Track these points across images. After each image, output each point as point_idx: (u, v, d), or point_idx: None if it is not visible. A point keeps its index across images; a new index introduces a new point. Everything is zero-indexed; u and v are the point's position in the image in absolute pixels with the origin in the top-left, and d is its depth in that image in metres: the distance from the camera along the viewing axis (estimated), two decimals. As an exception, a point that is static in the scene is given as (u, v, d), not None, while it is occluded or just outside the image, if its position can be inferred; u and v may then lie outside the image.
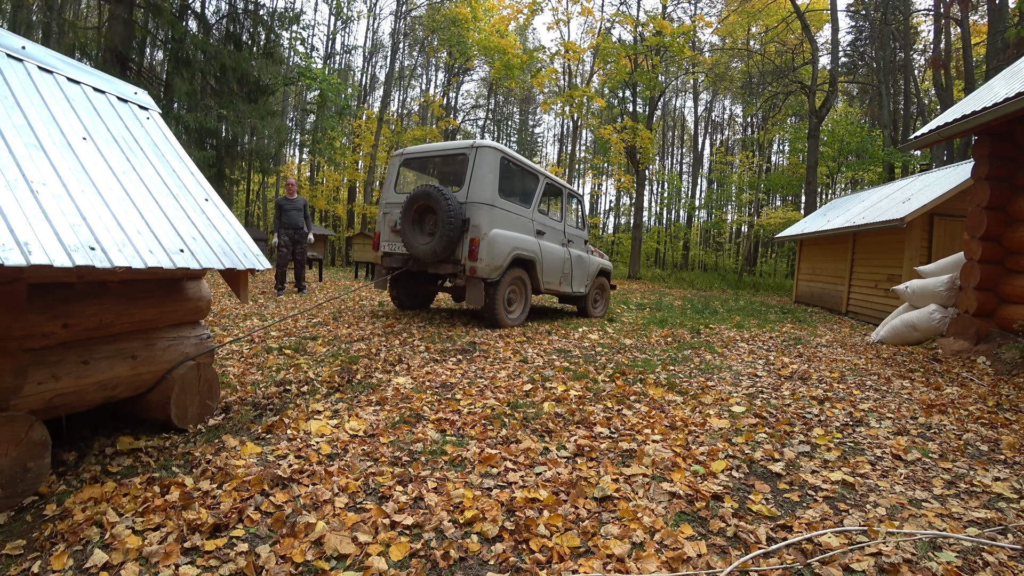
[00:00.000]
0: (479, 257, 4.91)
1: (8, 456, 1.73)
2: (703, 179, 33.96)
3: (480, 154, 5.14)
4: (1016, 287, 4.67)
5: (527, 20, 22.67)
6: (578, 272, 6.61)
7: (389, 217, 5.63)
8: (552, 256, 6.00)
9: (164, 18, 9.25)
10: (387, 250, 5.65)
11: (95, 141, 2.25)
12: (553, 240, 6.17)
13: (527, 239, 5.53)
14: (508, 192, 5.41)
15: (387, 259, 5.65)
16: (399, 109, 31.12)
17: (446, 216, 4.82)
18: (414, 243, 5.07)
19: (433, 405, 2.87)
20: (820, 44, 20.85)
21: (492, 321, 5.31)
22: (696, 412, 2.91)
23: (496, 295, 5.18)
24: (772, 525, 1.75)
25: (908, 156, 19.05)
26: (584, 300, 7.06)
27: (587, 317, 7.08)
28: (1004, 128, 4.89)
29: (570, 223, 6.71)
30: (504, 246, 5.13)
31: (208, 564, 1.47)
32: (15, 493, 1.77)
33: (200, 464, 2.06)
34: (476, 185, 5.05)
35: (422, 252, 5.03)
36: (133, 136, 2.52)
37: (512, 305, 5.63)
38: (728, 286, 19.67)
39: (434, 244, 4.93)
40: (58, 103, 2.23)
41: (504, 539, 1.63)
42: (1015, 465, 2.32)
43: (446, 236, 4.85)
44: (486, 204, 5.04)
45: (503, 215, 5.22)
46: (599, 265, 7.27)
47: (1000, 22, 14.54)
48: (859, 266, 9.61)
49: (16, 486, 1.77)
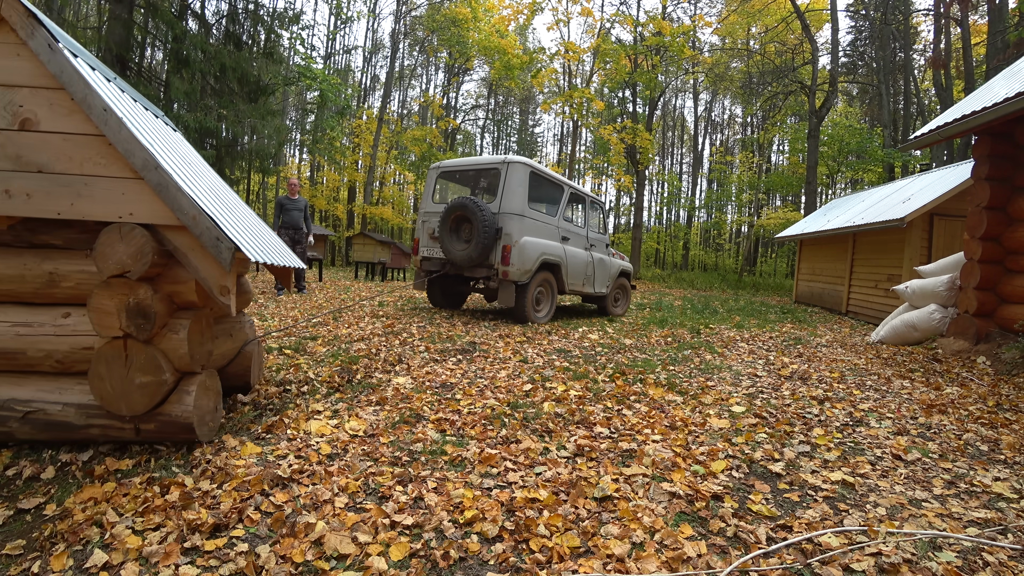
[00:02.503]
0: (511, 262, 5.42)
1: (210, 400, 2.24)
2: (703, 179, 33.96)
3: (511, 169, 5.66)
4: (1016, 287, 4.67)
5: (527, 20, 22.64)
6: (600, 273, 7.09)
7: (427, 225, 6.15)
8: (576, 259, 6.49)
9: (163, 18, 9.25)
10: (426, 255, 6.18)
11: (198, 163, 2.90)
12: (577, 245, 6.64)
13: (553, 245, 6.05)
14: (536, 202, 5.98)
15: (426, 263, 6.19)
16: (399, 109, 31.12)
17: (481, 225, 5.35)
18: (452, 249, 5.62)
19: (433, 405, 2.87)
20: (820, 44, 20.85)
21: (522, 319, 5.80)
22: (696, 412, 2.91)
23: (526, 296, 5.69)
24: (772, 525, 1.75)
25: (908, 156, 19.04)
26: (605, 300, 7.51)
27: (608, 315, 7.49)
28: (1004, 128, 4.89)
29: (592, 228, 7.15)
30: (533, 252, 5.64)
31: (208, 564, 1.47)
32: (213, 429, 2.28)
33: (200, 464, 2.06)
34: (508, 197, 5.58)
35: (459, 257, 5.56)
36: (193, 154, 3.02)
37: (540, 304, 6.12)
38: (728, 286, 19.67)
39: (470, 250, 5.46)
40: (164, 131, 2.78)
41: (504, 539, 1.63)
42: (1015, 465, 2.32)
43: (481, 243, 5.38)
44: (517, 214, 5.56)
45: (532, 224, 5.75)
46: (620, 267, 7.70)
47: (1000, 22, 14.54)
48: (859, 266, 9.61)
49: (215, 422, 2.30)
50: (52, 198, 1.94)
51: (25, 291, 2.04)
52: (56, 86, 1.93)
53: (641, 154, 21.27)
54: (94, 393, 1.99)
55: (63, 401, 2.04)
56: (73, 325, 2.04)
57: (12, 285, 2.03)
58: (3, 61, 1.91)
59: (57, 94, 1.94)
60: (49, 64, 1.90)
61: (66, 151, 1.95)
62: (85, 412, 2.05)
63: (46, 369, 2.07)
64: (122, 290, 1.94)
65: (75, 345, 2.04)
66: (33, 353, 2.03)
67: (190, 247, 2.04)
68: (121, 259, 1.94)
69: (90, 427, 2.06)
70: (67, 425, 2.04)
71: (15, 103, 1.92)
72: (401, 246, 13.55)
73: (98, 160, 1.97)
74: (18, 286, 2.03)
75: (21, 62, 1.92)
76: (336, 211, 25.51)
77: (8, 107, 1.91)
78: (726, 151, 33.57)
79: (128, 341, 1.98)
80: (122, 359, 1.97)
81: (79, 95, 1.91)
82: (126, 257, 1.94)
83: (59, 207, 1.95)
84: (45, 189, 1.93)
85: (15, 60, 1.92)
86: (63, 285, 2.04)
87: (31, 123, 1.92)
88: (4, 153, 1.91)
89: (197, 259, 2.05)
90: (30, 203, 1.93)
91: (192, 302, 2.15)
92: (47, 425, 2.03)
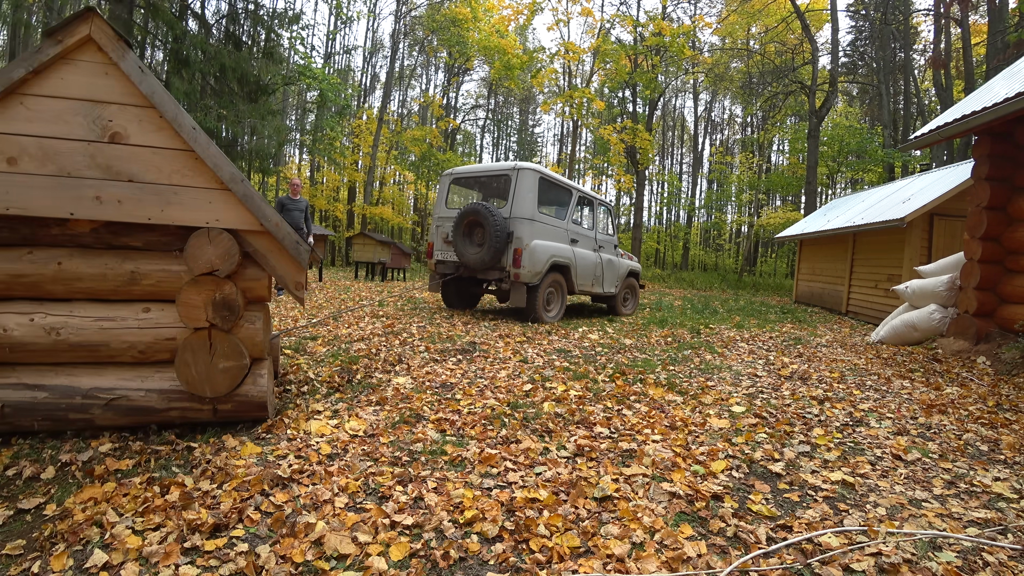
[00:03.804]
0: (522, 265, 5.63)
1: (272, 382, 2.59)
2: (703, 179, 33.94)
3: (521, 175, 5.87)
4: (1016, 287, 4.67)
5: (527, 20, 22.65)
6: (608, 274, 7.30)
7: (441, 229, 6.39)
8: (585, 261, 6.68)
9: (163, 18, 9.24)
10: (440, 258, 6.43)
11: None
12: (585, 246, 6.84)
13: (563, 247, 6.25)
14: (545, 206, 6.25)
15: (440, 266, 6.44)
16: (399, 109, 31.11)
17: (493, 230, 5.57)
18: (465, 253, 5.85)
19: (433, 405, 2.87)
20: (820, 44, 20.85)
21: (533, 318, 6.00)
22: (696, 412, 2.90)
23: (536, 296, 5.90)
24: (772, 525, 1.75)
25: (908, 156, 19.03)
26: (614, 299, 7.69)
27: (617, 315, 7.67)
28: (1004, 128, 4.88)
29: (600, 230, 7.37)
30: (543, 254, 5.84)
31: (208, 564, 1.47)
32: (275, 408, 2.61)
33: (200, 464, 2.06)
34: (518, 202, 5.80)
35: (472, 260, 5.79)
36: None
37: (550, 304, 6.32)
38: (728, 286, 19.67)
39: (483, 254, 5.68)
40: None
41: (504, 539, 1.63)
42: (1015, 465, 2.32)
43: (493, 247, 5.60)
44: (527, 219, 5.77)
45: (542, 227, 5.97)
46: (628, 267, 7.91)
47: (1000, 22, 14.54)
48: (859, 266, 9.61)
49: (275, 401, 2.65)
50: (143, 205, 2.16)
51: (104, 289, 2.21)
52: (145, 104, 2.14)
53: (641, 154, 21.27)
54: (180, 378, 2.25)
55: (145, 388, 2.24)
56: (156, 319, 2.25)
57: (93, 283, 2.19)
58: (92, 79, 2.09)
59: (146, 111, 2.15)
60: (141, 85, 2.11)
61: (155, 163, 2.17)
62: (167, 396, 2.26)
63: (126, 360, 2.25)
64: (209, 286, 2.22)
65: (158, 336, 2.25)
66: (116, 345, 2.21)
67: (270, 249, 2.34)
68: (210, 259, 2.22)
69: (170, 410, 2.29)
70: (149, 410, 2.26)
71: (104, 117, 2.10)
72: (401, 246, 13.53)
73: (186, 172, 2.20)
74: (99, 284, 2.20)
75: (109, 80, 2.11)
76: (336, 211, 25.49)
77: (97, 121, 2.10)
78: (726, 151, 33.56)
79: (212, 331, 2.25)
80: (207, 347, 2.25)
81: (170, 114, 2.15)
82: (215, 257, 2.22)
83: (150, 213, 2.17)
84: (136, 196, 2.15)
85: (104, 79, 2.10)
86: (143, 283, 2.23)
87: (120, 136, 2.13)
88: (95, 163, 2.10)
89: (276, 259, 2.36)
90: (121, 209, 2.14)
91: (262, 296, 2.42)
92: (129, 411, 2.23)
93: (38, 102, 2.03)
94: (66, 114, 2.06)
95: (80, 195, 2.08)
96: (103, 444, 2.18)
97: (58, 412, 2.16)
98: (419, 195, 28.87)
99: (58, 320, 2.14)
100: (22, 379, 2.13)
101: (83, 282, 2.17)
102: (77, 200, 2.08)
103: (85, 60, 2.08)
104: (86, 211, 2.09)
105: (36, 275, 2.11)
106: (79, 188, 2.08)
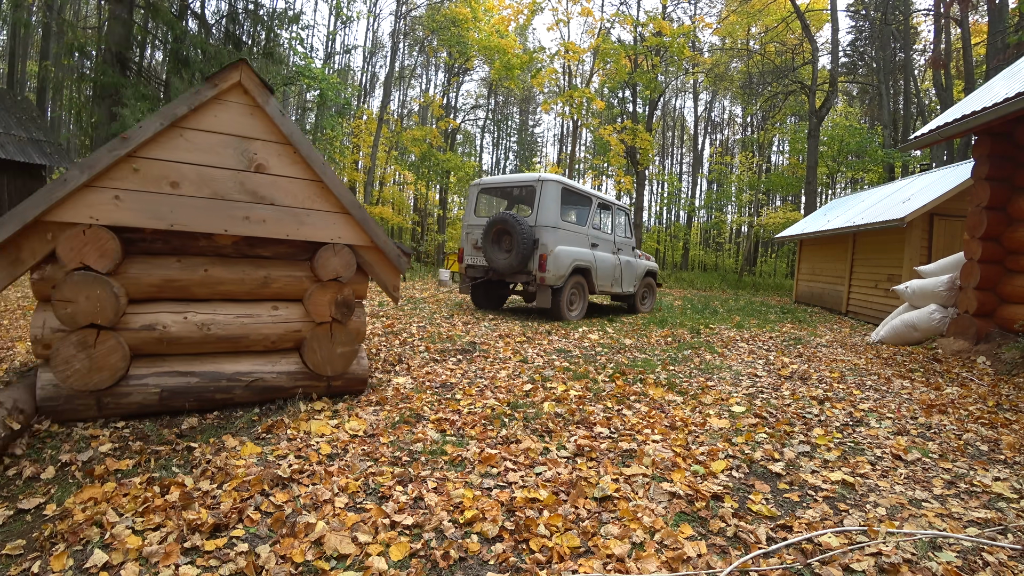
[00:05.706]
0: (547, 269, 6.07)
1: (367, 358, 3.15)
2: (703, 179, 33.90)
3: (545, 186, 6.33)
4: (1016, 287, 4.67)
5: (527, 20, 22.64)
6: (627, 274, 7.75)
7: (471, 236, 6.91)
8: (604, 263, 7.14)
9: (163, 18, 9.25)
10: (470, 263, 6.92)
11: None
12: (605, 249, 7.28)
13: (584, 251, 6.72)
14: (568, 214, 6.79)
15: (470, 270, 6.92)
16: (399, 109, 31.10)
17: (520, 237, 6.02)
18: (494, 258, 6.32)
19: (433, 405, 2.87)
20: (820, 44, 20.84)
21: (557, 317, 6.51)
22: (696, 412, 2.90)
23: (560, 298, 6.40)
24: (772, 525, 1.75)
25: (908, 156, 19.03)
26: (633, 298, 8.22)
27: (636, 312, 8.20)
28: (1004, 128, 4.88)
29: (619, 233, 7.79)
30: (566, 259, 6.29)
31: (208, 564, 1.47)
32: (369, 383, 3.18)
33: (200, 464, 2.06)
34: (543, 211, 6.24)
35: (501, 265, 6.26)
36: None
37: (573, 304, 6.78)
38: (728, 286, 19.66)
39: (511, 259, 6.14)
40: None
41: (504, 539, 1.63)
42: (1015, 465, 2.32)
43: (520, 253, 6.04)
44: (551, 226, 6.22)
45: (565, 234, 6.43)
46: (646, 267, 8.36)
47: (1000, 22, 14.53)
48: (859, 266, 9.60)
49: None
50: (282, 224, 2.64)
51: (241, 291, 2.67)
52: (284, 141, 2.62)
53: (641, 154, 21.26)
54: (309, 362, 2.79)
55: (276, 371, 2.74)
56: (284, 315, 2.76)
57: (232, 287, 2.64)
58: (241, 118, 2.52)
59: (284, 148, 2.63)
60: (282, 126, 2.59)
61: (291, 191, 2.66)
62: (293, 377, 2.79)
63: (258, 349, 2.74)
64: (333, 289, 2.81)
65: (288, 329, 2.77)
66: (254, 337, 2.68)
67: (376, 261, 2.96)
68: (335, 268, 2.80)
69: (296, 387, 2.81)
70: (279, 388, 2.76)
71: (250, 151, 2.54)
72: (402, 246, 13.52)
73: (316, 198, 2.73)
74: (237, 287, 2.65)
75: (255, 120, 2.55)
76: (336, 211, 25.42)
77: (245, 153, 2.53)
78: (726, 151, 33.54)
79: (333, 324, 2.83)
80: (328, 337, 2.82)
81: (304, 151, 2.66)
82: (339, 267, 2.81)
83: (288, 231, 2.66)
84: (277, 217, 2.62)
85: (250, 118, 2.54)
86: (272, 286, 2.73)
87: (264, 167, 2.58)
88: (243, 188, 2.53)
89: (380, 268, 2.99)
90: (266, 227, 2.60)
91: (363, 295, 2.98)
92: (264, 390, 2.71)
93: (195, 135, 2.41)
94: (218, 147, 2.46)
95: (232, 215, 2.50)
96: (103, 444, 2.18)
97: (207, 393, 2.56)
98: (419, 195, 28.84)
99: (206, 317, 2.55)
100: (175, 367, 2.50)
101: (224, 286, 2.61)
102: (229, 219, 2.50)
103: (235, 102, 2.49)
104: (237, 228, 2.53)
105: (185, 280, 2.50)
106: (231, 209, 2.50)
